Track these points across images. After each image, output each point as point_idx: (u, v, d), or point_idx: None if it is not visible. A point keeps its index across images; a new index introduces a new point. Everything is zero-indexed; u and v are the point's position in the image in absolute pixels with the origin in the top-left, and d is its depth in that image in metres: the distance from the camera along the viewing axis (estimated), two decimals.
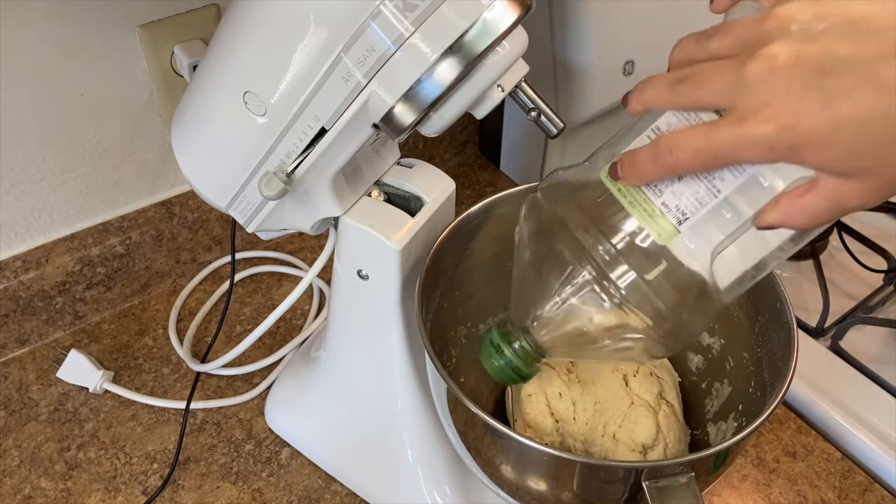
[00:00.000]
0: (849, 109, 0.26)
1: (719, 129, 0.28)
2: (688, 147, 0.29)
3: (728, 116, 0.28)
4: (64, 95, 0.61)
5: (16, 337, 0.69)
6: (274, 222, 0.48)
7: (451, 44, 0.35)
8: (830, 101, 0.26)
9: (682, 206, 0.32)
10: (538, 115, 0.42)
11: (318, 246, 0.81)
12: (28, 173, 0.63)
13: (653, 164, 0.31)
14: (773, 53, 0.27)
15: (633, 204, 0.33)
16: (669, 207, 0.32)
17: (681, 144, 0.29)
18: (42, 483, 0.60)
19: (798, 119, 0.26)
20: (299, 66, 0.38)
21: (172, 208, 0.72)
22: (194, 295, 0.75)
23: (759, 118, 0.27)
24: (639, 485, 0.38)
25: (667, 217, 0.32)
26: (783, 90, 0.26)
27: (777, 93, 0.27)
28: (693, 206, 0.32)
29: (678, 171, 0.31)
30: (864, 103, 0.25)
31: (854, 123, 0.26)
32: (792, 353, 0.42)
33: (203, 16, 0.64)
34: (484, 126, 0.90)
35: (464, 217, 0.50)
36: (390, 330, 0.50)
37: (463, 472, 0.55)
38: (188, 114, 0.46)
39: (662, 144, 0.30)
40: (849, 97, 0.25)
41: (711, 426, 0.52)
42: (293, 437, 0.62)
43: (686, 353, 0.55)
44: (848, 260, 0.76)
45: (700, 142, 0.29)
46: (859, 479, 0.60)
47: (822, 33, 0.26)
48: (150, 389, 0.67)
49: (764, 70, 0.27)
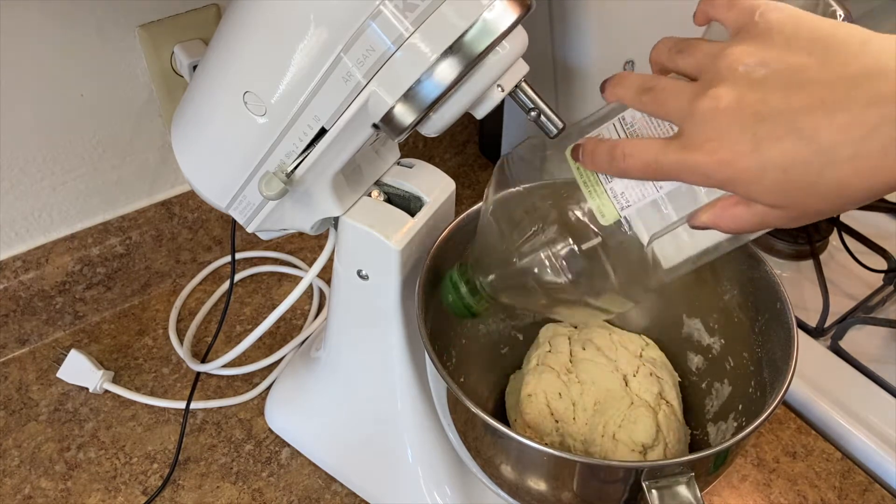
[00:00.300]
0: (774, 155, 0.29)
1: (668, 151, 0.32)
2: (640, 158, 0.33)
3: (678, 139, 0.32)
4: (64, 95, 0.61)
5: (16, 337, 0.69)
6: (274, 222, 0.48)
7: (451, 44, 0.35)
8: (760, 147, 0.29)
9: (627, 195, 0.36)
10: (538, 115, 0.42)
11: (318, 246, 0.81)
12: (28, 173, 0.63)
13: (608, 162, 0.35)
14: (719, 95, 0.30)
15: (586, 184, 0.37)
16: (616, 193, 0.36)
17: (635, 155, 0.33)
18: (42, 483, 0.60)
19: (733, 158, 0.30)
20: (299, 66, 0.38)
21: (172, 208, 0.72)
22: (194, 295, 0.75)
23: (702, 150, 0.31)
24: (639, 485, 0.38)
25: (612, 201, 0.36)
26: (723, 130, 0.30)
27: (718, 132, 0.30)
28: (636, 197, 0.36)
29: (627, 175, 0.35)
30: (788, 152, 0.29)
31: (778, 168, 0.29)
32: (792, 353, 0.42)
33: (203, 16, 0.64)
34: (484, 126, 0.90)
35: (464, 217, 0.50)
36: (390, 330, 0.50)
37: (463, 472, 0.55)
38: (188, 114, 0.46)
39: (619, 149, 0.34)
40: (775, 145, 0.29)
41: (711, 426, 0.52)
42: (293, 437, 0.62)
43: (686, 353, 0.55)
44: (848, 260, 0.76)
45: (650, 157, 0.33)
46: (859, 479, 0.60)
47: (763, 80, 0.29)
48: (150, 389, 0.67)
49: (710, 109, 0.30)
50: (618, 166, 0.34)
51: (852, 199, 0.29)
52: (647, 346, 0.55)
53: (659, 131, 0.35)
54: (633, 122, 0.36)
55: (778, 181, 0.29)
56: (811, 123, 0.28)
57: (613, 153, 0.34)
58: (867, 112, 0.27)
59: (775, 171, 0.29)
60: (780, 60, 0.29)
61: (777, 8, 0.31)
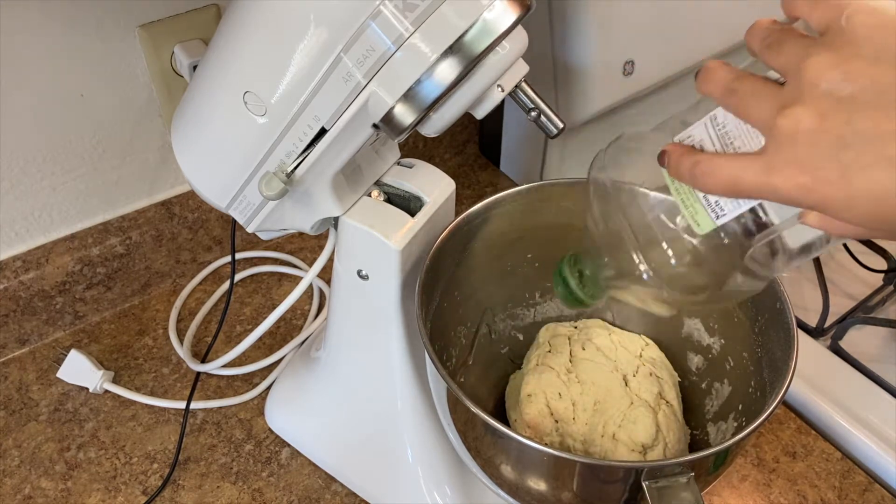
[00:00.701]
0: (863, 185, 0.27)
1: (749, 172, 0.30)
2: (720, 178, 0.31)
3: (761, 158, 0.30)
4: (64, 95, 0.61)
5: (16, 337, 0.69)
6: (274, 222, 0.48)
7: (451, 44, 0.35)
8: (846, 175, 0.27)
9: (721, 203, 0.34)
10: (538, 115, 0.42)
11: (318, 246, 0.81)
12: (28, 173, 0.63)
13: (689, 177, 0.33)
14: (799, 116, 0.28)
15: (678, 191, 0.35)
16: (710, 202, 0.34)
17: (716, 174, 0.31)
18: (42, 483, 0.60)
19: (816, 185, 0.28)
20: (299, 66, 0.38)
21: (172, 208, 0.72)
22: (194, 295, 0.75)
23: (783, 174, 0.29)
24: (638, 485, 0.38)
25: (706, 210, 0.34)
26: (804, 155, 0.28)
27: (798, 157, 0.28)
28: (732, 206, 0.33)
29: (710, 192, 0.33)
30: (880, 182, 0.26)
31: (868, 199, 0.27)
32: (792, 353, 0.42)
33: (203, 16, 0.64)
34: (484, 126, 0.90)
35: (464, 217, 0.50)
36: (390, 330, 0.50)
37: (463, 472, 0.55)
38: (188, 114, 0.46)
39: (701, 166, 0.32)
40: (864, 173, 0.27)
41: (711, 426, 0.52)
42: (293, 437, 0.62)
43: (686, 353, 0.55)
44: (848, 260, 0.76)
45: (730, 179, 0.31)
46: (859, 479, 0.60)
47: (849, 99, 0.27)
48: (150, 389, 0.67)
49: (790, 130, 0.28)
50: (699, 183, 0.32)
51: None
52: (647, 346, 0.55)
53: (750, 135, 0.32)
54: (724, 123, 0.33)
55: (870, 212, 0.27)
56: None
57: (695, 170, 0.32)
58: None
59: (865, 201, 0.27)
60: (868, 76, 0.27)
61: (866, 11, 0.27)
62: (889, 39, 0.27)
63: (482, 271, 0.53)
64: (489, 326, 0.57)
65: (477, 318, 0.56)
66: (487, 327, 0.57)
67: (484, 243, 0.52)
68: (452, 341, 0.54)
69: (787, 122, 0.28)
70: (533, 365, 0.54)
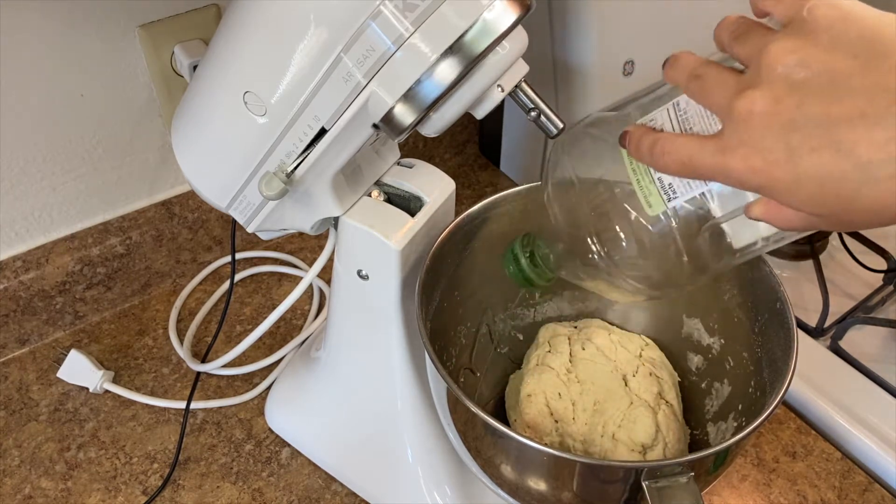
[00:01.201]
0: (809, 167, 0.28)
1: (704, 153, 0.31)
2: (676, 157, 0.32)
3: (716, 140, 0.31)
4: (64, 95, 0.61)
5: (16, 337, 0.69)
6: (274, 222, 0.48)
7: (451, 44, 0.35)
8: (794, 157, 0.28)
9: (674, 185, 0.35)
10: (538, 115, 0.42)
11: (318, 246, 0.81)
12: (28, 173, 0.63)
13: (648, 155, 0.34)
14: (754, 97, 0.29)
15: (634, 171, 0.36)
16: (664, 184, 0.35)
17: (672, 153, 0.32)
18: (42, 483, 0.60)
19: (765, 166, 0.29)
20: (299, 66, 0.38)
21: (172, 208, 0.72)
22: (194, 295, 0.75)
23: (736, 155, 0.29)
24: (638, 485, 0.38)
25: (660, 192, 0.35)
26: (757, 136, 0.29)
27: (752, 137, 0.29)
28: (684, 189, 0.35)
29: (666, 171, 0.34)
30: (824, 165, 0.27)
31: (813, 180, 0.28)
32: (792, 353, 0.42)
33: (203, 16, 0.64)
34: (484, 126, 0.90)
35: (464, 217, 0.50)
36: (390, 330, 0.50)
37: (463, 472, 0.55)
38: (188, 114, 0.46)
39: (659, 146, 0.33)
40: (811, 156, 0.27)
41: (711, 426, 0.52)
42: (293, 437, 0.62)
43: (686, 352, 0.55)
44: (848, 260, 0.76)
45: (686, 157, 0.32)
46: (859, 479, 0.60)
47: (802, 83, 0.28)
48: (150, 389, 0.67)
49: (745, 111, 0.29)
50: (656, 162, 0.33)
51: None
52: (647, 346, 0.55)
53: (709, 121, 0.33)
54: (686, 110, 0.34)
55: (814, 194, 0.28)
56: (850, 136, 0.26)
57: (654, 148, 0.33)
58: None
59: (811, 183, 0.28)
60: (822, 62, 0.27)
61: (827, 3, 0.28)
62: (847, 29, 0.27)
63: (482, 271, 0.53)
64: (489, 326, 0.57)
65: (477, 318, 0.56)
66: (487, 327, 0.57)
67: (484, 243, 0.52)
68: (452, 341, 0.54)
69: (742, 103, 0.29)
70: (533, 365, 0.54)
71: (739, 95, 0.29)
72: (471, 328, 0.56)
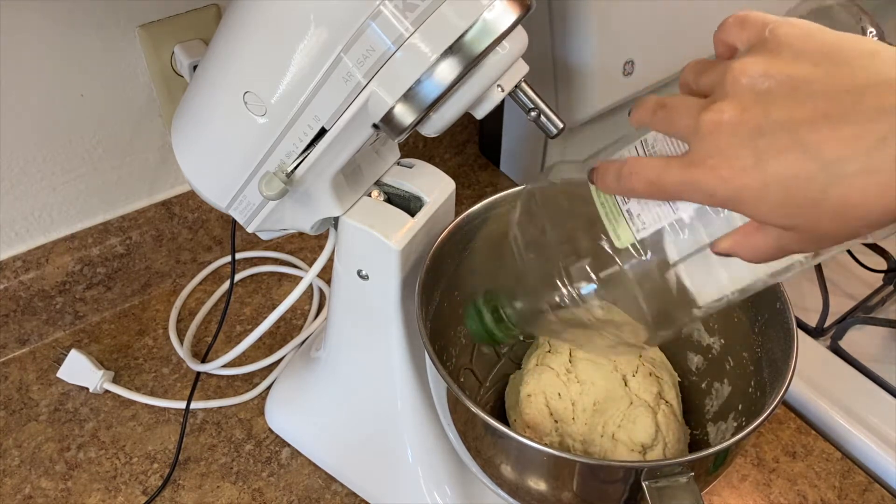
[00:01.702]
0: (776, 170, 0.28)
1: (671, 169, 0.31)
2: (643, 177, 0.32)
3: (683, 157, 0.31)
4: (64, 95, 0.61)
5: (16, 337, 0.69)
6: (274, 222, 0.48)
7: (451, 44, 0.35)
8: (761, 161, 0.28)
9: (643, 217, 0.35)
10: (538, 115, 0.42)
11: (318, 246, 0.81)
12: (28, 173, 0.63)
13: (615, 182, 0.34)
14: (722, 108, 0.29)
15: (603, 205, 0.36)
16: (633, 216, 0.35)
17: (639, 173, 0.32)
18: (42, 483, 0.60)
19: (733, 174, 0.29)
20: (299, 66, 0.38)
21: (172, 208, 0.72)
22: (194, 295, 0.75)
23: (703, 167, 0.30)
24: (638, 485, 0.38)
25: (629, 224, 0.35)
26: (724, 145, 0.29)
27: (719, 147, 0.29)
28: (652, 219, 0.34)
29: (633, 194, 0.34)
30: (790, 167, 0.27)
31: (780, 184, 0.28)
32: (792, 353, 0.42)
33: (203, 16, 0.64)
34: (484, 126, 0.90)
35: (464, 217, 0.50)
36: (390, 330, 0.50)
37: (463, 472, 0.55)
38: (188, 114, 0.46)
39: (626, 168, 0.33)
40: (777, 159, 0.28)
41: (711, 426, 0.52)
42: (293, 437, 0.62)
43: (686, 352, 0.55)
44: (848, 260, 0.76)
45: (653, 175, 0.32)
46: (859, 479, 0.60)
47: (767, 92, 0.28)
48: (150, 389, 0.67)
49: (712, 124, 0.29)
50: (624, 184, 0.33)
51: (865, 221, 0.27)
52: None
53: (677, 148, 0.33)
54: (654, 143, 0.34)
55: (782, 198, 0.28)
56: (815, 137, 0.27)
57: (621, 172, 0.33)
58: (874, 123, 0.26)
59: (777, 186, 0.28)
60: (785, 72, 0.28)
61: (788, 23, 0.29)
62: (808, 43, 0.28)
63: (482, 271, 0.53)
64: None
65: None
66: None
67: (484, 243, 0.52)
68: (452, 341, 0.54)
69: (709, 115, 0.29)
70: (532, 365, 0.54)
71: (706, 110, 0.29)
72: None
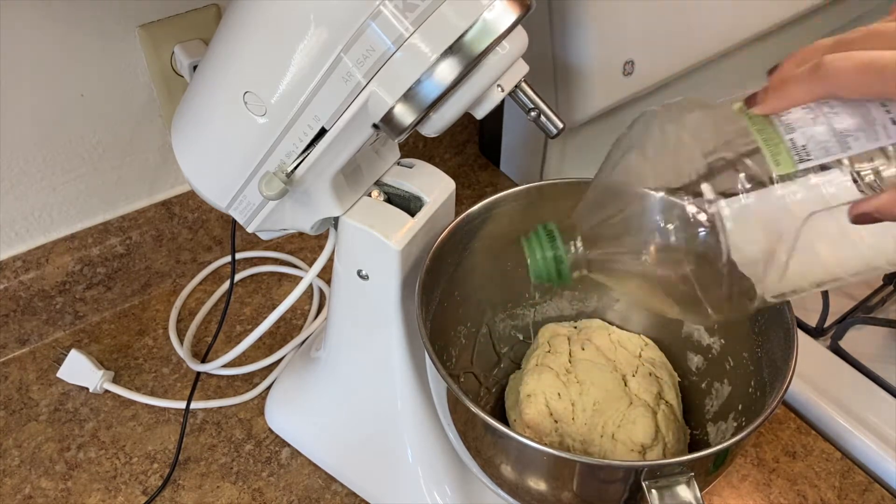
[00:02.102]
0: None
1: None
2: (857, 57, 0.28)
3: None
4: (64, 95, 0.61)
5: (16, 337, 0.69)
6: (274, 222, 0.48)
7: (451, 44, 0.35)
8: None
9: (808, 147, 0.32)
10: (538, 115, 0.42)
11: (318, 246, 0.81)
12: (28, 173, 0.63)
13: (809, 74, 0.30)
14: None
15: (761, 131, 0.33)
16: (796, 145, 0.32)
17: (850, 56, 0.28)
18: (42, 483, 0.60)
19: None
20: (299, 66, 0.38)
21: (172, 208, 0.72)
22: (194, 295, 0.75)
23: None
24: (638, 484, 0.38)
25: (790, 152, 0.32)
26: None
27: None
28: (819, 152, 0.32)
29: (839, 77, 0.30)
30: None
31: None
32: (792, 353, 0.42)
33: (203, 16, 0.64)
34: (484, 126, 0.90)
35: (464, 217, 0.50)
36: (390, 330, 0.50)
37: (463, 472, 0.55)
38: (188, 114, 0.46)
39: (829, 56, 0.29)
40: None
41: (711, 426, 0.52)
42: (293, 437, 0.62)
43: (686, 352, 0.55)
44: None
45: (868, 57, 0.28)
46: (859, 479, 0.60)
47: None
48: (150, 389, 0.67)
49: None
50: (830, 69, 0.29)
51: None
52: (647, 346, 0.55)
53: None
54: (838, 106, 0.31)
55: None
56: None
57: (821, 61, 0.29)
58: None
59: None
60: None
61: None
62: None
63: (482, 271, 0.53)
64: (489, 326, 0.57)
65: (477, 318, 0.56)
66: (487, 327, 0.57)
67: (484, 243, 0.52)
68: (452, 341, 0.54)
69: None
70: (532, 365, 0.54)
71: None
72: (471, 328, 0.56)
